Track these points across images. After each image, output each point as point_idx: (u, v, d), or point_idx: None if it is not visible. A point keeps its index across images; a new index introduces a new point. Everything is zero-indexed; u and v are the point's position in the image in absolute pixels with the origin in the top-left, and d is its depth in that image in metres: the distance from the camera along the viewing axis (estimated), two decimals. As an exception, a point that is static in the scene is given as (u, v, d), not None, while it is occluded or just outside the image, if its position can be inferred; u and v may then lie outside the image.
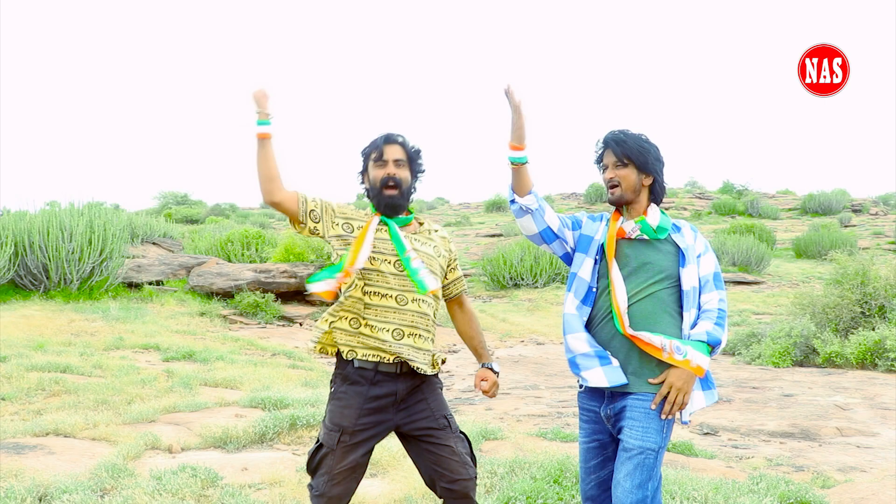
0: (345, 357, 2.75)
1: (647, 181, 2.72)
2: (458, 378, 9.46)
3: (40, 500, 3.66)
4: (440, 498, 2.85)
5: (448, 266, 2.95)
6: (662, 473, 4.22)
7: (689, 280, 2.63)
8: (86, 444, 4.77)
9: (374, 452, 2.87)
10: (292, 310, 13.14)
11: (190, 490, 3.84)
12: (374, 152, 2.82)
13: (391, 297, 2.73)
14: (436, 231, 2.95)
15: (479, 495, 3.93)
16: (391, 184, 2.77)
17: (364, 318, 2.74)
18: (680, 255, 2.67)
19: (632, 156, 2.67)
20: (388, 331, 2.72)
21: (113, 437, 4.91)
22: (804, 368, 10.24)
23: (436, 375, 2.89)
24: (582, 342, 2.68)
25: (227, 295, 13.04)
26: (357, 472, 2.75)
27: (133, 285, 13.36)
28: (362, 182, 2.88)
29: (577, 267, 2.74)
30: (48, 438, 4.83)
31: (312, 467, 2.76)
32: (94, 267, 12.41)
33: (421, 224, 2.92)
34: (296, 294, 13.51)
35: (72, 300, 11.63)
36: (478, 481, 4.13)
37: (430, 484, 2.84)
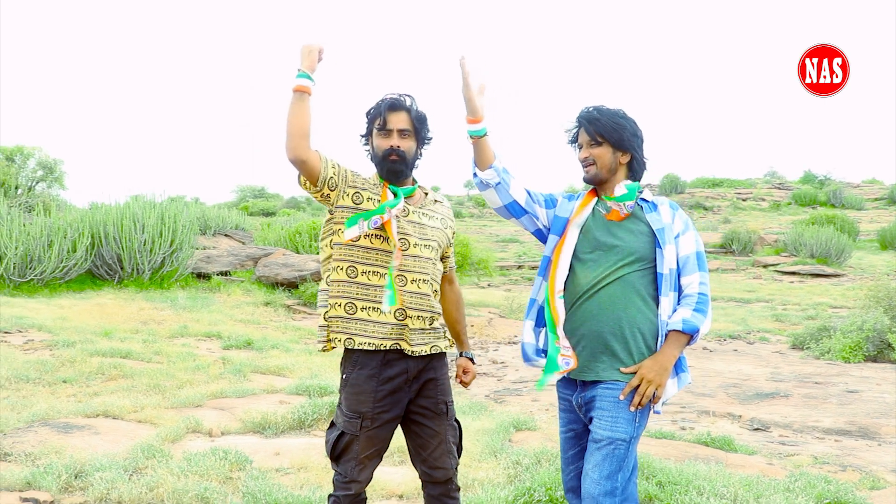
0: (345, 345, 2.70)
1: (625, 159, 2.62)
2: (512, 369, 9.40)
3: (76, 477, 3.84)
4: (420, 478, 2.84)
5: (452, 238, 2.91)
6: (691, 468, 4.12)
7: (666, 262, 2.51)
8: (131, 426, 4.98)
9: (397, 440, 2.84)
10: (354, 300, 13.30)
11: (217, 472, 3.96)
12: (377, 119, 2.73)
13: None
14: (440, 202, 2.90)
15: (500, 485, 3.91)
16: (394, 157, 2.70)
17: (361, 302, 2.67)
18: (654, 237, 2.54)
19: (605, 134, 2.58)
20: (389, 313, 2.66)
21: (157, 419, 5.10)
22: (877, 364, 9.73)
23: (445, 354, 2.82)
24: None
25: (291, 285, 13.33)
26: (382, 452, 2.74)
27: (202, 275, 13.82)
28: (366, 144, 2.82)
29: (550, 250, 2.66)
30: (97, 420, 5.06)
31: (336, 454, 2.72)
32: (164, 257, 12.91)
33: (426, 195, 2.87)
34: (358, 285, 13.66)
35: (143, 289, 12.13)
36: (502, 472, 4.13)
37: (413, 461, 2.84)
